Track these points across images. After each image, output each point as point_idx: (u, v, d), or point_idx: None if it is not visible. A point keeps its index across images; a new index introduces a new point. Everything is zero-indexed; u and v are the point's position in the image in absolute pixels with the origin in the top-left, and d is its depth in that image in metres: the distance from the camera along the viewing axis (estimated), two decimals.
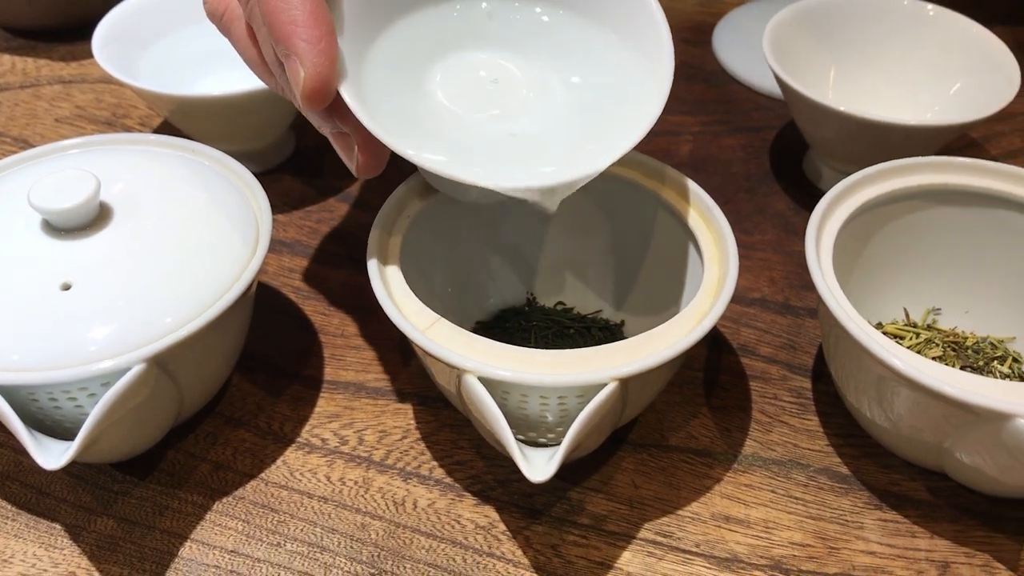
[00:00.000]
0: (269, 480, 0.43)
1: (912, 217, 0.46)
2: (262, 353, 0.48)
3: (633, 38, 0.41)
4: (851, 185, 0.44)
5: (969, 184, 0.45)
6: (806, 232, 0.42)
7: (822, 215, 0.43)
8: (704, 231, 0.43)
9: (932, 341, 0.46)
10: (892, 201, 0.45)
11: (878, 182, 0.45)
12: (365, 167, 0.38)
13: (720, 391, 0.46)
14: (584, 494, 0.42)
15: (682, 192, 0.44)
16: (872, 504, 0.42)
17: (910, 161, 0.46)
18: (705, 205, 0.43)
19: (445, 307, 0.47)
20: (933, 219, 0.46)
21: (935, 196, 0.46)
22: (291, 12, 0.34)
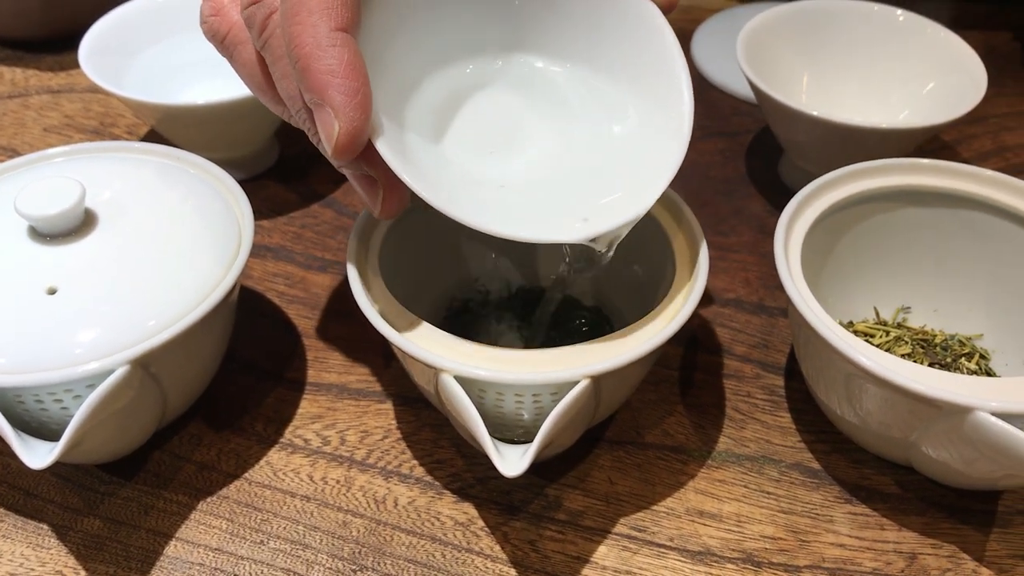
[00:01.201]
0: (253, 480, 0.44)
1: (881, 218, 0.48)
2: (246, 356, 0.49)
3: (654, 95, 0.40)
4: (820, 187, 0.46)
5: (935, 185, 0.46)
6: (775, 233, 0.43)
7: (791, 216, 0.44)
8: (677, 234, 0.44)
9: (901, 339, 0.47)
10: (861, 202, 0.47)
11: (846, 184, 0.46)
12: (389, 210, 0.38)
13: (695, 389, 0.48)
14: (561, 490, 0.43)
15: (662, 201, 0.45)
16: (842, 498, 0.43)
17: (878, 163, 0.47)
18: (678, 209, 0.44)
19: (427, 306, 0.48)
20: (902, 220, 0.48)
21: (903, 197, 0.47)
22: (328, 61, 0.32)
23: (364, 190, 0.38)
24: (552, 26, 0.41)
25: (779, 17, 0.59)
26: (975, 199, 0.46)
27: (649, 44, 0.40)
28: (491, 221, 0.36)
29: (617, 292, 0.49)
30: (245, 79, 0.38)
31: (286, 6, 0.33)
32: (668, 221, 0.44)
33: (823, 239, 0.46)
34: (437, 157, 0.39)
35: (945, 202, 0.47)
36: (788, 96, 0.53)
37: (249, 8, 0.35)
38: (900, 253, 0.48)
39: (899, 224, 0.48)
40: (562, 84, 0.42)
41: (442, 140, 0.40)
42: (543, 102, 0.42)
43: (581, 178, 0.40)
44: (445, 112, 0.40)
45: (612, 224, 0.38)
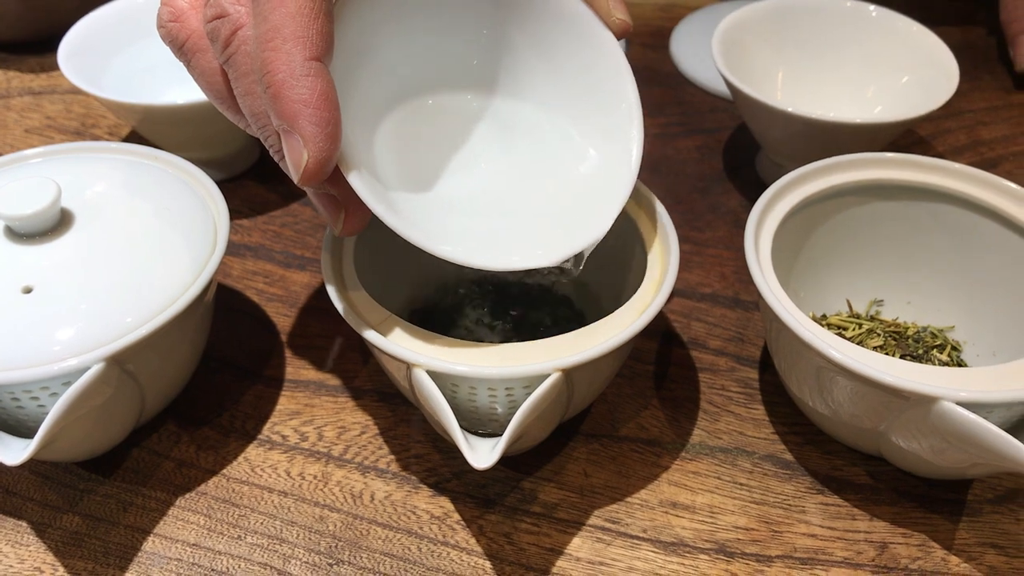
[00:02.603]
0: (231, 476, 0.44)
1: (853, 211, 0.48)
2: (225, 354, 0.49)
3: (607, 126, 0.42)
4: (791, 181, 0.46)
5: (906, 179, 0.47)
6: (746, 228, 0.44)
7: (762, 211, 0.45)
8: (649, 230, 0.44)
9: (874, 331, 0.48)
10: (833, 196, 0.47)
11: (818, 178, 0.47)
12: (350, 229, 0.38)
13: (670, 383, 0.48)
14: (536, 483, 0.43)
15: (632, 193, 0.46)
16: (814, 489, 0.43)
17: (850, 157, 0.47)
18: (651, 205, 0.45)
19: (402, 301, 0.48)
20: (874, 213, 0.48)
21: (875, 191, 0.47)
22: (300, 91, 0.32)
23: (325, 208, 0.38)
24: (516, 61, 0.43)
25: (754, 14, 0.60)
26: (945, 192, 0.46)
27: (604, 78, 0.42)
28: (453, 250, 0.37)
29: (593, 287, 0.49)
30: (203, 87, 0.38)
31: (260, 31, 0.33)
32: (642, 218, 0.45)
33: (796, 233, 0.47)
34: (402, 183, 0.40)
35: (916, 195, 0.47)
36: (763, 93, 0.54)
37: (213, 22, 0.35)
38: (873, 246, 0.49)
39: (871, 217, 0.48)
40: (526, 117, 0.43)
41: (407, 167, 0.40)
42: (506, 133, 0.43)
43: (541, 206, 0.41)
44: (411, 140, 0.41)
45: (567, 252, 0.39)
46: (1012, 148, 0.63)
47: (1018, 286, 0.45)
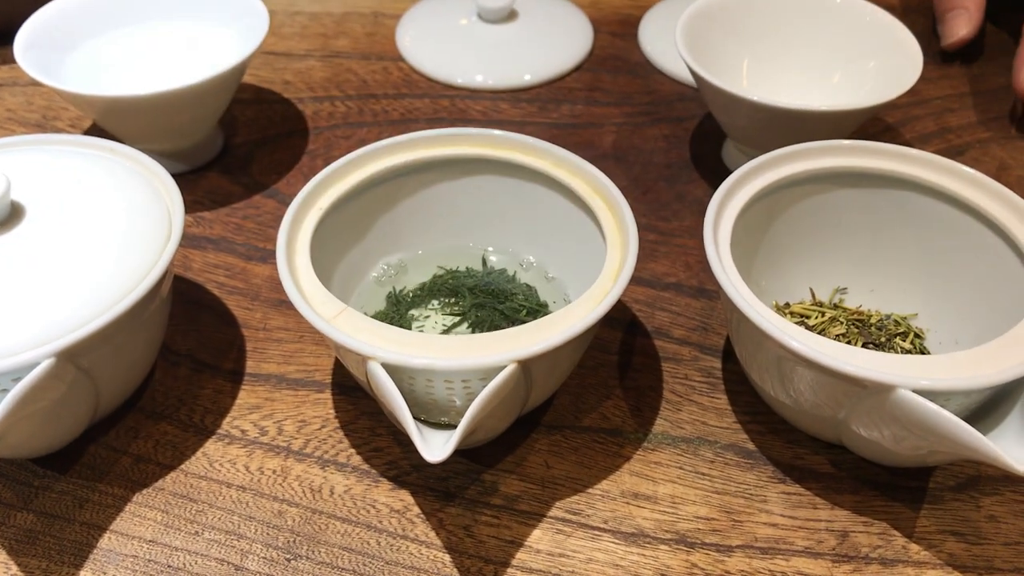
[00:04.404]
0: (189, 471, 0.43)
1: (816, 199, 0.48)
2: (185, 347, 0.49)
3: None
4: (752, 169, 0.46)
5: (867, 166, 0.47)
6: (705, 216, 0.43)
7: (722, 199, 0.44)
8: (608, 218, 0.44)
9: (836, 319, 0.48)
10: (794, 184, 0.47)
11: (779, 166, 0.46)
12: None
13: (633, 373, 0.48)
14: (498, 476, 0.43)
15: (590, 180, 0.45)
16: (776, 478, 0.43)
17: (811, 145, 0.47)
18: (610, 193, 0.44)
19: (360, 292, 0.48)
20: (837, 201, 0.48)
21: (836, 178, 0.47)
22: None
23: None
24: None
25: (719, 3, 0.59)
26: (907, 180, 0.46)
27: None
28: None
29: (558, 279, 0.49)
30: None
31: None
32: (603, 208, 0.44)
33: (758, 221, 0.47)
34: None
35: (878, 183, 0.47)
36: (728, 81, 0.54)
37: None
38: (836, 234, 0.49)
39: (835, 205, 0.48)
40: None
41: None
42: None
43: None
44: None
45: None
46: (979, 135, 0.63)
47: (979, 273, 0.45)
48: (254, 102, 0.66)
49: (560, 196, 0.47)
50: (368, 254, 0.49)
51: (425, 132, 0.48)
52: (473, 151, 0.48)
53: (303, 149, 0.62)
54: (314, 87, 0.68)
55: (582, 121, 0.64)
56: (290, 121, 0.65)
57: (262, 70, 0.69)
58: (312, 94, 0.67)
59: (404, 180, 0.48)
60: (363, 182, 0.46)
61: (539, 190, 0.48)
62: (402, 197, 0.49)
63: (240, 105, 0.65)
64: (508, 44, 0.71)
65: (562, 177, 0.46)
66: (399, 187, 0.48)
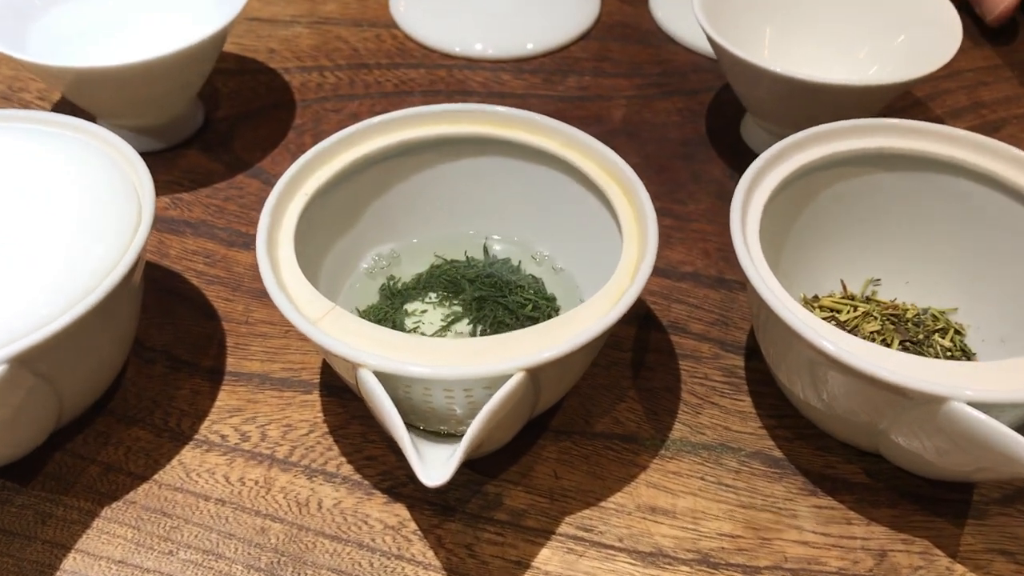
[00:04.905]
0: (163, 482, 0.40)
1: (849, 183, 0.44)
2: (160, 343, 0.45)
3: None
4: (782, 150, 0.42)
5: (908, 148, 0.43)
6: (732, 203, 0.39)
7: (749, 183, 0.40)
8: (625, 206, 0.40)
9: (870, 314, 0.44)
10: (827, 167, 0.43)
11: (811, 147, 0.42)
12: None
13: (648, 372, 0.44)
14: (502, 487, 0.39)
15: (603, 163, 0.41)
16: (806, 489, 0.40)
17: (846, 124, 0.43)
18: (626, 178, 0.40)
19: (350, 286, 0.44)
20: (871, 185, 0.44)
21: (873, 161, 0.43)
22: None
23: None
24: None
25: None
26: (951, 163, 0.42)
27: None
28: None
29: (566, 269, 0.45)
30: None
31: None
32: (615, 191, 0.40)
33: (786, 207, 0.43)
34: None
35: (919, 166, 0.43)
36: (749, 52, 0.49)
37: None
38: (869, 221, 0.45)
39: (868, 190, 0.44)
40: None
41: None
42: None
43: None
44: None
45: None
46: (1015, 110, 0.59)
47: None
48: (236, 73, 0.62)
49: (570, 180, 0.43)
50: (359, 243, 0.45)
51: (421, 108, 0.44)
52: (474, 130, 0.43)
53: (289, 124, 0.58)
54: (301, 56, 0.63)
55: (590, 94, 0.60)
56: (275, 93, 0.60)
57: (245, 38, 0.65)
58: (299, 64, 0.63)
59: (398, 161, 0.44)
60: (353, 164, 0.42)
61: (547, 173, 0.43)
62: (396, 180, 0.45)
63: (221, 76, 0.61)
64: (509, 10, 0.66)
65: (573, 159, 0.42)
66: (393, 169, 0.44)
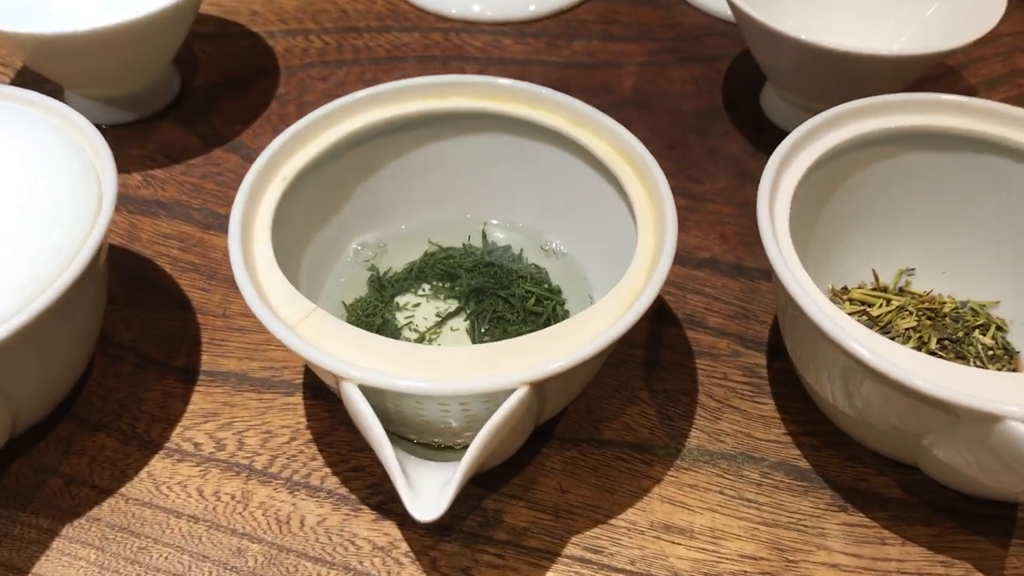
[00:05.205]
0: (131, 496, 0.36)
1: (883, 164, 0.40)
2: (128, 338, 0.41)
3: None
4: (812, 130, 0.38)
5: (952, 126, 0.39)
6: (759, 188, 0.35)
7: (778, 166, 0.36)
8: (639, 190, 0.36)
9: (905, 309, 0.40)
10: (860, 147, 0.39)
11: (845, 124, 0.39)
12: None
13: (662, 371, 0.40)
14: (502, 502, 0.36)
15: (615, 143, 0.37)
16: (835, 505, 0.36)
17: (882, 99, 0.39)
18: (641, 159, 0.36)
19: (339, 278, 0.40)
20: (907, 166, 0.40)
21: (911, 140, 0.39)
22: None
23: None
24: None
25: None
26: (997, 143, 0.38)
27: None
28: None
29: (572, 257, 0.41)
30: None
31: None
32: (626, 171, 0.36)
33: (815, 191, 0.39)
34: None
35: (961, 146, 0.39)
36: (771, 16, 0.45)
37: None
38: (904, 206, 0.41)
39: (904, 172, 0.40)
40: None
41: None
42: None
43: None
44: None
45: None
46: None
47: None
48: (215, 37, 0.57)
49: (578, 160, 0.39)
50: (345, 230, 0.41)
51: (414, 81, 0.40)
52: (472, 105, 0.39)
53: (272, 93, 0.53)
54: (286, 19, 0.59)
55: (597, 60, 0.56)
56: (258, 59, 0.56)
57: None
58: (283, 27, 0.58)
59: (389, 139, 0.40)
60: (338, 143, 0.38)
61: (552, 152, 0.40)
62: (386, 160, 0.41)
63: (199, 41, 0.57)
64: None
65: (581, 138, 0.38)
66: (383, 148, 0.40)
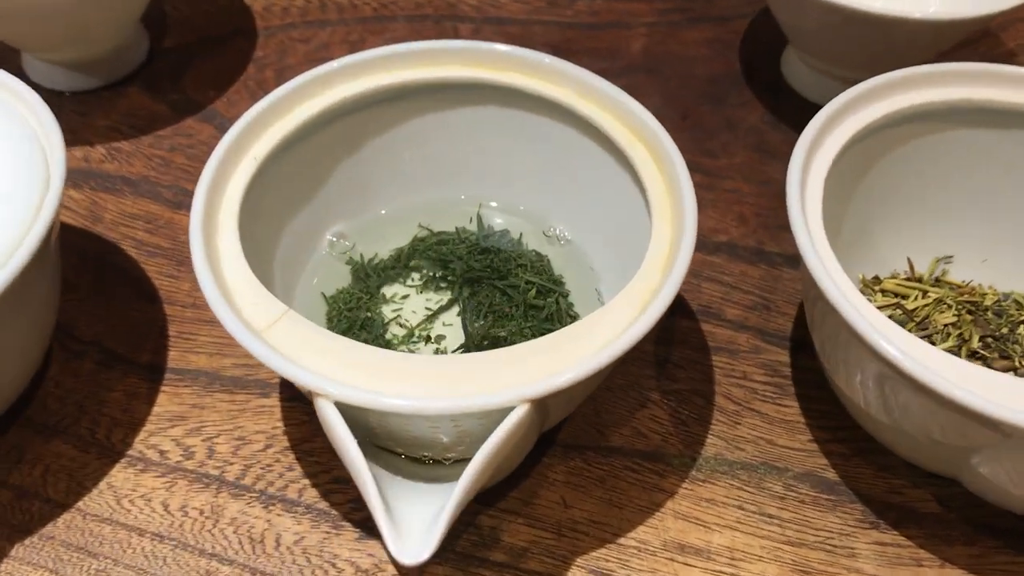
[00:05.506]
0: (88, 511, 0.33)
1: (923, 142, 0.37)
2: (90, 333, 0.37)
3: None
4: (848, 103, 0.34)
5: (1001, 100, 0.35)
6: (789, 170, 0.32)
7: (810, 144, 0.33)
8: (654, 173, 0.32)
9: (943, 302, 0.36)
10: (899, 122, 0.36)
11: (883, 97, 0.35)
12: None
13: (674, 370, 0.37)
14: (499, 519, 0.33)
15: (627, 119, 0.33)
16: (867, 521, 0.33)
17: (924, 70, 0.35)
18: (655, 136, 0.33)
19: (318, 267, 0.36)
20: (950, 144, 0.37)
21: (955, 115, 0.36)
22: None
23: None
24: None
25: None
26: None
27: None
28: None
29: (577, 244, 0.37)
30: None
31: None
32: (642, 159, 0.32)
33: (849, 171, 0.35)
34: None
35: (1010, 122, 0.35)
36: None
37: None
38: (944, 187, 0.38)
39: (945, 150, 0.37)
40: None
41: None
42: None
43: None
44: None
45: None
46: None
47: None
48: None
49: (586, 137, 0.35)
50: (325, 213, 0.37)
51: (401, 47, 0.36)
52: (468, 74, 0.35)
53: (249, 56, 0.49)
54: None
55: (602, 20, 0.51)
56: (234, 19, 0.52)
57: None
58: None
59: (375, 112, 0.36)
60: (318, 116, 0.35)
61: (556, 128, 0.36)
62: (371, 135, 0.37)
63: None
64: None
65: (590, 113, 0.34)
66: (367, 122, 0.36)
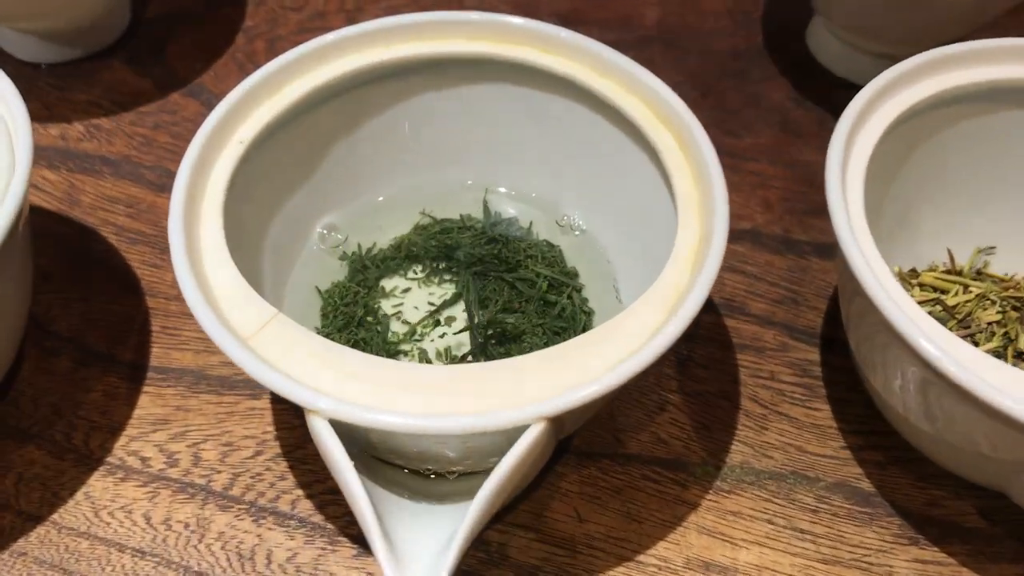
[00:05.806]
0: (64, 524, 0.30)
1: (969, 124, 0.34)
2: (66, 327, 0.35)
3: None
4: (890, 83, 0.32)
5: None
6: (828, 155, 0.29)
7: (850, 128, 0.30)
8: (680, 162, 0.29)
9: (987, 298, 0.34)
10: (946, 103, 0.33)
11: (927, 76, 0.32)
12: None
13: (696, 370, 0.34)
14: (508, 534, 0.30)
15: (650, 99, 0.31)
16: (905, 537, 0.30)
17: (969, 47, 0.33)
18: (680, 119, 0.30)
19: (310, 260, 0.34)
20: (996, 127, 0.34)
21: (1004, 96, 0.33)
22: None
23: None
24: None
25: None
26: None
27: None
28: None
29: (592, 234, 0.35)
30: None
31: None
32: (668, 146, 0.30)
33: (891, 156, 0.33)
34: None
35: None
36: None
37: None
38: (988, 173, 0.35)
39: (992, 133, 0.34)
40: None
41: None
42: None
43: None
44: None
45: None
46: None
47: None
48: None
49: (602, 118, 0.32)
50: (319, 200, 0.34)
51: (404, 18, 0.33)
52: (475, 48, 0.33)
53: (238, 25, 0.47)
54: None
55: None
56: None
57: None
58: None
59: (373, 90, 0.33)
60: (311, 94, 0.32)
61: (571, 108, 0.33)
62: (368, 115, 0.34)
63: None
64: None
65: (609, 94, 0.31)
66: (364, 101, 0.33)
